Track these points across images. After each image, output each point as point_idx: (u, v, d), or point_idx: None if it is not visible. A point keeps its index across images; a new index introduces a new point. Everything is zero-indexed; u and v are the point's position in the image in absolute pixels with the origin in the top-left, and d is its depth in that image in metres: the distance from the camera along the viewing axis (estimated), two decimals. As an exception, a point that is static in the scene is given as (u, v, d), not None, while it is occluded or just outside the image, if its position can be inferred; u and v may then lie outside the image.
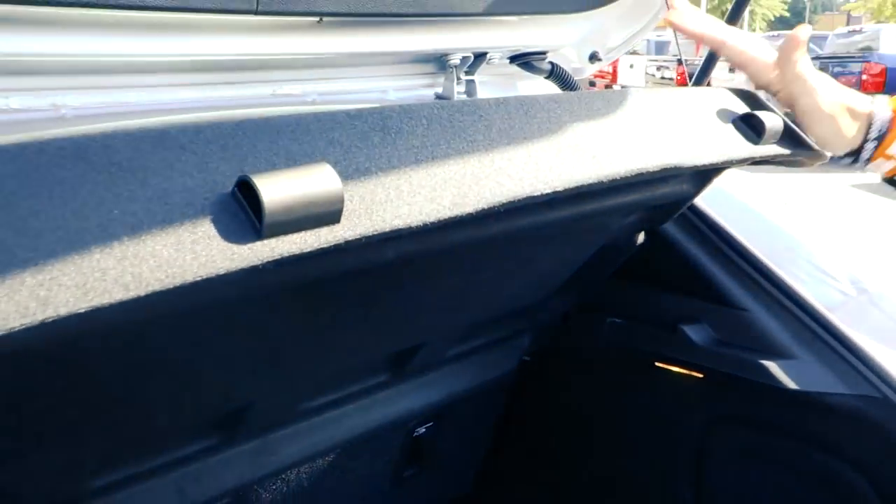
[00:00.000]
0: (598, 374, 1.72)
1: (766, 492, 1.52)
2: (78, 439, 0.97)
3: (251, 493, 1.38)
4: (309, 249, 0.52)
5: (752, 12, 42.01)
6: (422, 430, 1.75)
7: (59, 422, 0.90)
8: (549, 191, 0.73)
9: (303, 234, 0.51)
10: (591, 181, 0.78)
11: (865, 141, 1.05)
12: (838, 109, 1.05)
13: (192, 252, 0.48)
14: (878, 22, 30.31)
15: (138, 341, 0.84)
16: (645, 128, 0.93)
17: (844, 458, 1.40)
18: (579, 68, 1.67)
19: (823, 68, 4.97)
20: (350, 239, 0.54)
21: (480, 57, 1.47)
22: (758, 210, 1.63)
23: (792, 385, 1.38)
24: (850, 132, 1.05)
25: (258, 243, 0.49)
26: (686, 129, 0.97)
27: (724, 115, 0.99)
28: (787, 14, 46.46)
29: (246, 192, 0.50)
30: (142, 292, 0.49)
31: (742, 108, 1.03)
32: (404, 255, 0.94)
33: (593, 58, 1.66)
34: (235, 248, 0.49)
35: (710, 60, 1.65)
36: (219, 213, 0.49)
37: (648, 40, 19.51)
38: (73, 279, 0.48)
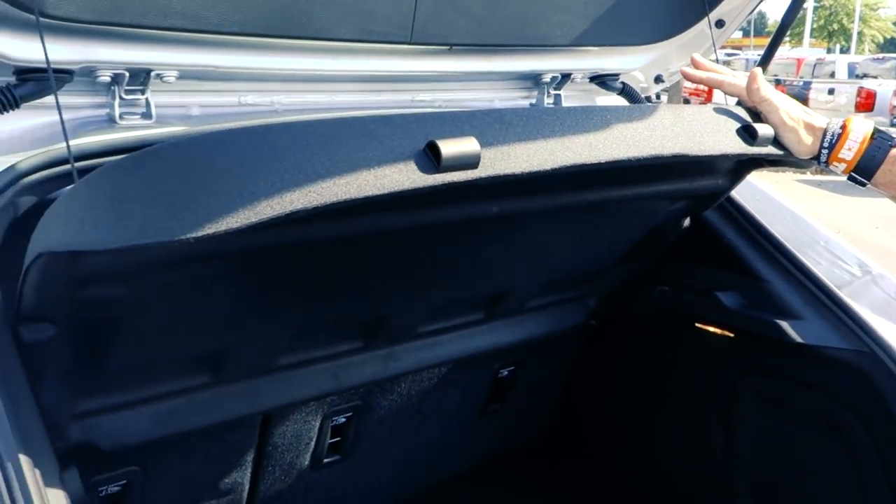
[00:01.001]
0: (650, 334, 2.12)
1: (779, 430, 1.89)
2: (281, 319, 1.44)
3: (379, 389, 1.85)
4: (460, 180, 0.96)
5: (860, 34, 40.93)
6: (504, 373, 2.19)
7: (276, 302, 1.37)
8: (620, 157, 1.13)
9: (458, 172, 0.95)
10: (647, 155, 1.19)
11: (821, 148, 1.43)
12: (799, 124, 1.43)
13: (400, 175, 0.92)
14: None
15: (335, 253, 1.31)
16: (682, 128, 1.34)
17: (840, 402, 1.77)
18: (646, 87, 2.09)
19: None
20: (482, 177, 0.98)
21: (566, 77, 1.91)
22: (784, 203, 2.01)
23: (800, 340, 1.75)
24: (809, 141, 1.43)
25: (437, 175, 0.94)
26: (709, 131, 1.38)
27: (732, 123, 1.40)
28: (896, 36, 44.89)
29: (431, 149, 0.94)
30: (361, 194, 0.92)
31: (744, 120, 1.42)
32: (506, 211, 1.39)
33: (658, 79, 2.08)
34: (425, 175, 0.93)
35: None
36: (415, 158, 0.94)
37: (747, 59, 19.54)
38: (333, 186, 0.91)
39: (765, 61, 2.01)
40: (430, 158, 0.94)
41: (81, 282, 1.05)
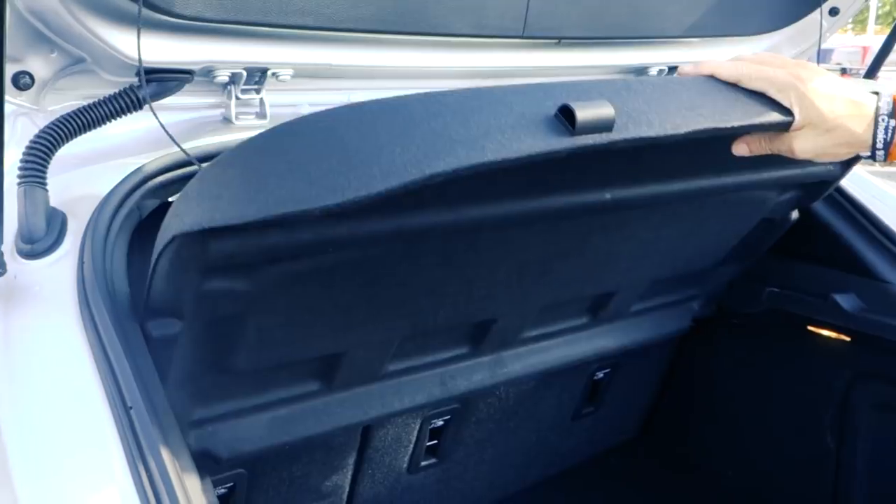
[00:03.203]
0: (756, 336, 2.04)
1: (900, 439, 1.80)
2: (395, 319, 1.41)
3: (486, 396, 1.82)
4: (597, 143, 0.91)
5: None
6: (600, 374, 2.14)
7: (391, 299, 1.34)
8: (750, 122, 1.07)
9: (594, 135, 0.91)
10: (775, 121, 1.11)
11: (875, 149, 1.05)
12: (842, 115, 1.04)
13: (535, 138, 0.88)
14: None
15: (450, 245, 1.27)
16: None
17: (972, 411, 1.67)
18: (753, 79, 2.00)
19: None
20: (618, 139, 0.93)
21: (673, 69, 1.84)
22: (892, 191, 1.90)
23: None
24: (860, 136, 1.05)
25: (572, 138, 0.90)
26: None
27: None
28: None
29: (565, 112, 0.90)
30: (499, 157, 0.88)
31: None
32: (618, 199, 1.33)
33: (766, 71, 1.98)
34: (561, 139, 0.89)
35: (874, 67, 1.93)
36: (550, 122, 0.90)
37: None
38: (470, 150, 0.87)
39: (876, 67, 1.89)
40: (564, 122, 0.90)
41: (209, 270, 1.04)
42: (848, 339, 1.84)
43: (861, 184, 1.89)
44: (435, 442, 1.89)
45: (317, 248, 1.13)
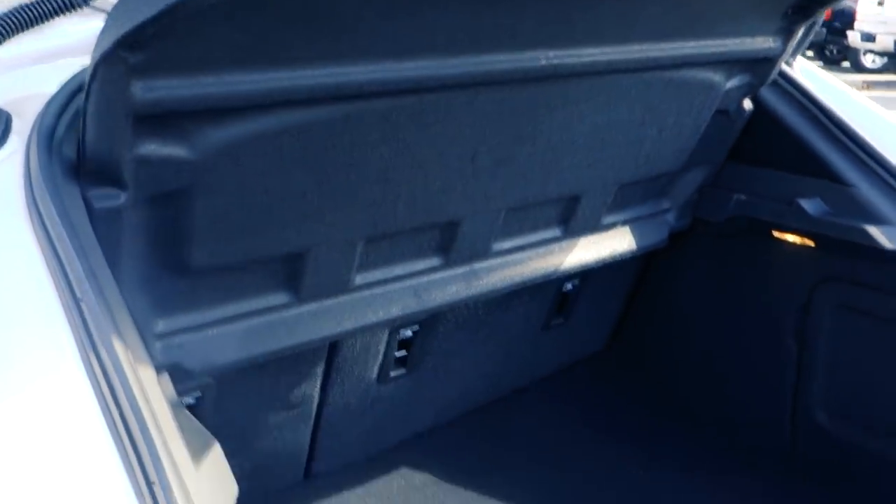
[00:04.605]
0: (723, 244, 2.05)
1: (860, 341, 1.84)
2: (346, 216, 1.39)
3: (454, 307, 1.82)
4: None
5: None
6: (569, 286, 2.15)
7: (344, 184, 1.32)
8: None
9: None
10: None
11: None
12: None
13: None
14: None
15: (391, 121, 1.28)
16: None
17: (930, 309, 1.70)
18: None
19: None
20: None
21: None
22: (867, 103, 1.90)
23: (889, 245, 1.68)
24: None
25: None
26: None
27: None
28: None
29: None
30: None
31: None
32: (554, 64, 1.34)
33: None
34: None
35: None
36: None
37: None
38: None
39: None
40: None
41: (139, 122, 1.04)
42: (812, 243, 1.86)
43: (828, 89, 1.88)
44: (404, 353, 1.90)
45: (250, 101, 1.12)
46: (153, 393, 0.88)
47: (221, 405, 1.60)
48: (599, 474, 2.00)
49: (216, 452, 1.01)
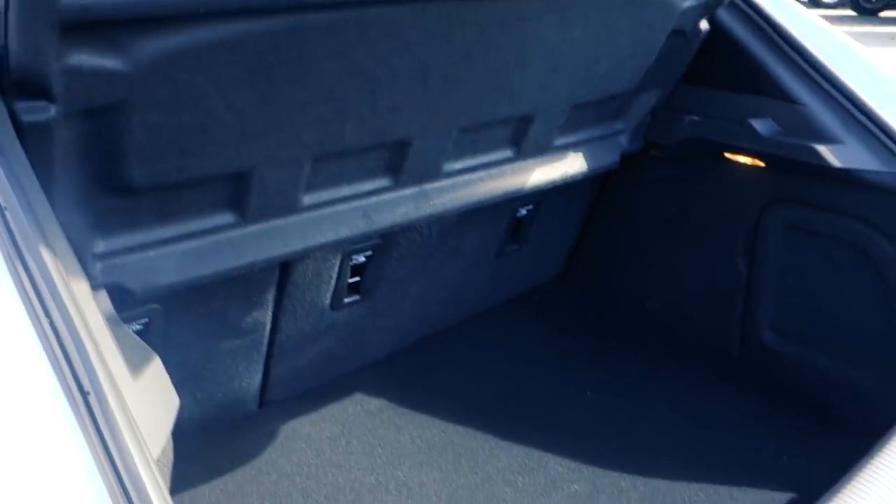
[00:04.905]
0: (676, 167, 2.06)
1: (807, 260, 1.87)
2: (291, 135, 1.35)
3: (408, 232, 1.80)
4: None
5: None
6: (523, 211, 2.14)
7: (286, 101, 1.28)
8: None
9: None
10: None
11: None
12: None
13: None
14: None
15: (336, 36, 1.22)
16: None
17: (876, 228, 1.73)
18: None
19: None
20: None
21: None
22: (821, 23, 1.90)
23: (837, 164, 1.69)
24: None
25: None
26: None
27: None
28: None
29: None
30: None
31: None
32: None
33: None
34: None
35: None
36: None
37: None
38: None
39: None
40: None
41: (67, 31, 0.99)
42: (763, 164, 1.87)
43: (784, 8, 1.87)
44: (357, 279, 1.88)
45: (181, 9, 1.08)
46: (87, 306, 0.85)
47: (169, 332, 1.57)
48: (552, 399, 2.02)
49: (156, 366, 0.99)
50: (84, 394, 0.75)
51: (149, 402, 0.88)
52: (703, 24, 1.82)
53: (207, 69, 1.17)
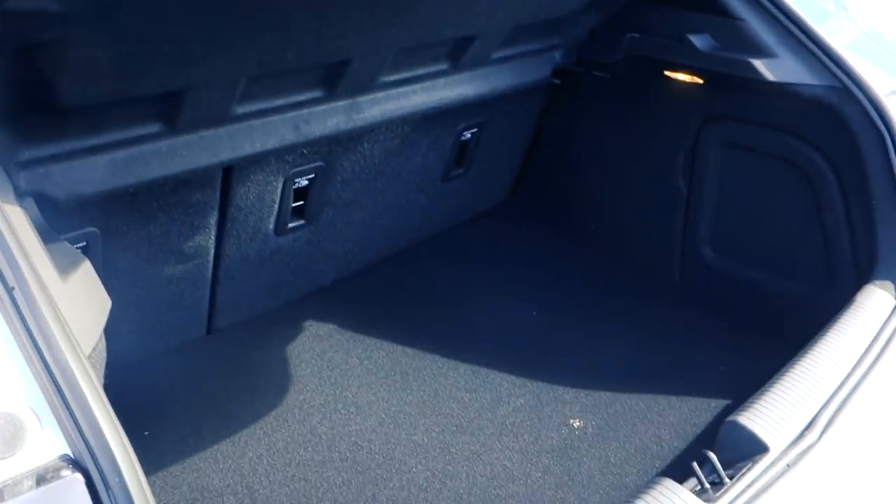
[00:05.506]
0: (617, 85, 2.07)
1: (744, 174, 1.91)
2: (231, 60, 1.33)
3: (342, 149, 1.79)
4: None
5: None
6: (467, 135, 2.14)
7: (225, 28, 1.25)
8: None
9: None
10: None
11: None
12: None
13: None
14: None
15: None
16: None
17: (809, 141, 1.77)
18: None
19: None
20: None
21: None
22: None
23: (772, 78, 1.72)
24: None
25: None
26: None
27: None
28: None
29: None
30: None
31: None
32: None
33: None
34: None
35: None
36: None
37: None
38: None
39: None
40: None
41: None
42: (701, 81, 1.89)
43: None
44: (301, 203, 1.87)
45: None
46: (11, 210, 0.84)
47: (110, 256, 1.55)
48: (497, 319, 2.06)
49: (86, 268, 0.98)
50: (9, 289, 0.75)
51: (78, 299, 0.87)
52: None
53: (149, 4, 1.13)
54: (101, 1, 1.06)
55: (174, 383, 1.78)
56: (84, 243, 1.48)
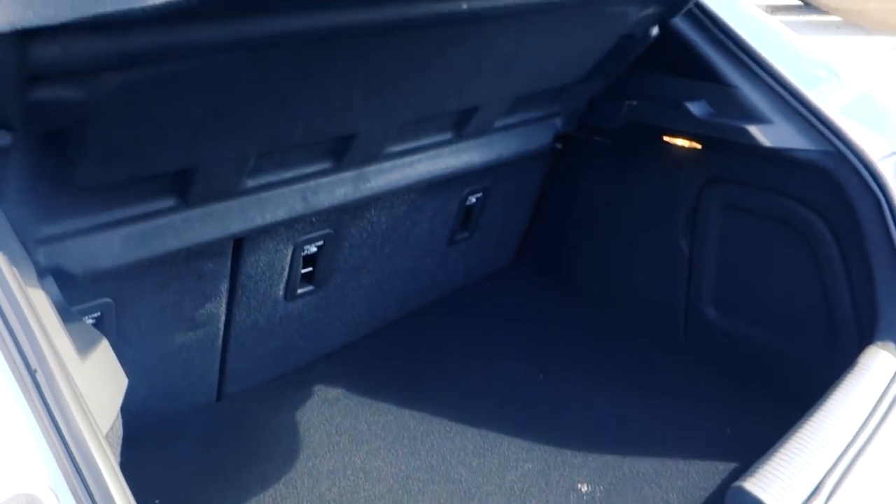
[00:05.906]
0: (618, 151, 2.12)
1: (744, 235, 1.94)
2: (242, 138, 1.39)
3: (349, 217, 1.83)
4: None
5: None
6: (472, 199, 2.19)
7: (242, 112, 1.32)
8: None
9: None
10: None
11: None
12: None
13: None
14: None
15: (301, 55, 1.25)
16: None
17: (805, 203, 1.81)
18: None
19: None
20: None
21: None
22: (749, 8, 1.97)
23: (768, 143, 1.77)
24: None
25: None
26: None
27: None
28: None
29: None
30: None
31: None
32: (476, 8, 1.32)
33: None
34: None
35: None
36: None
37: None
38: None
39: None
40: None
41: (34, 77, 0.99)
42: (699, 146, 1.94)
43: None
44: (310, 269, 1.91)
45: (150, 57, 1.08)
46: (32, 288, 0.87)
47: (123, 325, 1.59)
48: (504, 382, 2.07)
49: (103, 346, 1.01)
50: (31, 371, 0.78)
51: (96, 379, 0.90)
52: (654, 30, 1.86)
53: (167, 93, 1.19)
54: (123, 87, 1.11)
55: (184, 449, 1.79)
56: (98, 314, 1.51)
